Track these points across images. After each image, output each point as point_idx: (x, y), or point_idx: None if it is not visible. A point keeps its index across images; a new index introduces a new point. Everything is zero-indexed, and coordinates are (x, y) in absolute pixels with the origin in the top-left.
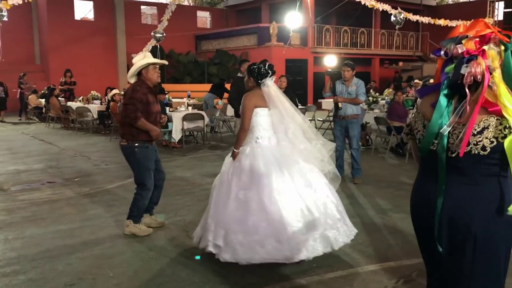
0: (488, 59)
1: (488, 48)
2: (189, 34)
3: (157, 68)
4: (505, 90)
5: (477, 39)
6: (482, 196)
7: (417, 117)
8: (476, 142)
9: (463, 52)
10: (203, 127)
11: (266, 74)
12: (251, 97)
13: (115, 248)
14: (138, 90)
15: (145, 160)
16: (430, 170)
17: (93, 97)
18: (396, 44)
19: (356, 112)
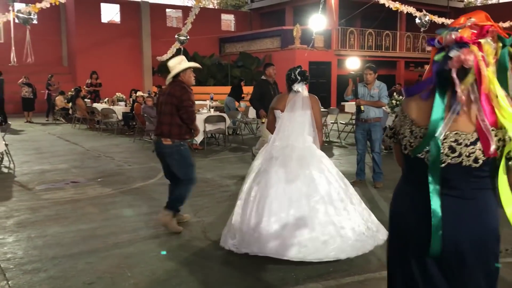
0: (484, 52)
1: (484, 42)
2: (213, 37)
3: (193, 72)
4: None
5: (475, 30)
6: (472, 211)
7: (403, 121)
8: (469, 153)
9: (456, 38)
10: (224, 129)
11: (295, 80)
12: (274, 101)
13: (133, 248)
14: (190, 92)
15: (189, 156)
16: (414, 177)
17: (118, 98)
18: (422, 47)
19: (379, 115)
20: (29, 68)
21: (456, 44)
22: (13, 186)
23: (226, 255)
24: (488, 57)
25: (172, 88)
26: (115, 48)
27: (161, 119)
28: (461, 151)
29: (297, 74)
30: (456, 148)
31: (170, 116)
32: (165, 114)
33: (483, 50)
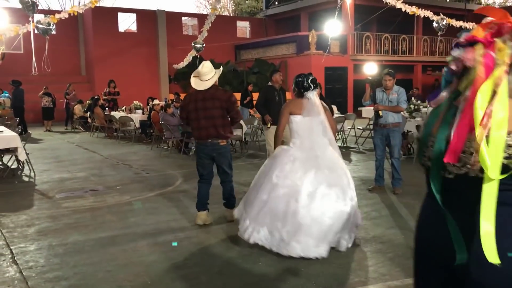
0: (495, 51)
1: (499, 40)
2: (229, 44)
3: None
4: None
5: (493, 30)
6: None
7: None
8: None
9: (467, 37)
10: (241, 136)
11: (308, 88)
12: (288, 104)
13: (153, 256)
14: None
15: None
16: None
17: (136, 106)
18: (440, 50)
19: (398, 120)
20: (48, 77)
21: (462, 45)
22: (34, 195)
23: (248, 262)
24: (501, 55)
25: (214, 93)
26: (132, 57)
27: (211, 122)
28: (465, 160)
29: (310, 82)
30: (460, 157)
31: (222, 119)
32: (216, 117)
33: (496, 48)
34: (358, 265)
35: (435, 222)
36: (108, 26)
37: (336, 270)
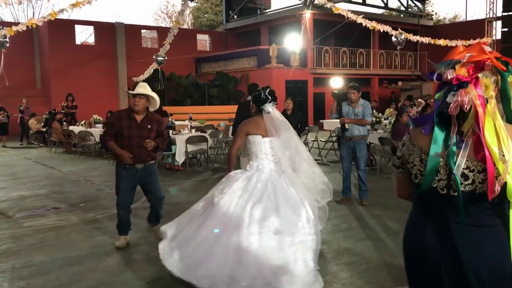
0: (481, 87)
1: (482, 76)
2: (190, 57)
3: (137, 97)
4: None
5: (472, 64)
6: (488, 239)
7: (411, 150)
8: (482, 180)
9: (452, 78)
10: (206, 150)
11: (265, 100)
12: (244, 125)
13: (126, 276)
14: (113, 115)
15: (118, 179)
16: (431, 207)
17: (95, 121)
18: (395, 64)
19: (363, 133)
20: (1, 91)
21: (453, 87)
22: None
23: None
24: (487, 91)
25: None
26: (90, 70)
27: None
28: (474, 178)
29: (267, 93)
30: (469, 175)
31: None
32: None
33: (481, 84)
34: (334, 278)
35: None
36: (65, 39)
37: None
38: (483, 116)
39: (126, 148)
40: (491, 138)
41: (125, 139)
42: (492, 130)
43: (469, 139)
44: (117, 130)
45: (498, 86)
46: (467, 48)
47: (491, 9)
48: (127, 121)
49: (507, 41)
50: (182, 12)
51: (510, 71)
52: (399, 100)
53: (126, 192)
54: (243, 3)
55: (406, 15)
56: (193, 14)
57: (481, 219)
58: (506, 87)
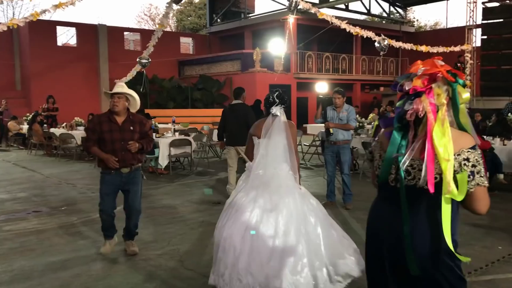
0: (434, 96)
1: (435, 86)
2: (173, 60)
3: (115, 97)
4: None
5: (427, 77)
6: (430, 228)
7: (376, 146)
8: (421, 176)
9: (409, 89)
10: (190, 153)
11: (273, 103)
12: (252, 127)
13: (110, 280)
14: (91, 120)
15: (102, 184)
16: (386, 196)
17: (77, 123)
18: (377, 70)
19: (347, 138)
20: None
21: (410, 96)
22: None
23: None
24: (439, 99)
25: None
26: (71, 72)
27: None
28: (414, 174)
29: (275, 97)
30: (411, 172)
31: None
32: None
33: (434, 94)
34: None
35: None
36: (46, 40)
37: None
38: (433, 121)
39: (110, 153)
40: (439, 140)
41: (107, 144)
42: (441, 133)
43: (418, 141)
44: (98, 135)
45: (449, 95)
46: (423, 63)
47: (471, 17)
48: (108, 124)
49: (487, 48)
50: (166, 15)
51: (458, 82)
52: (381, 105)
53: (108, 196)
54: (227, 7)
55: (388, 22)
56: (177, 17)
57: (421, 209)
58: (455, 96)
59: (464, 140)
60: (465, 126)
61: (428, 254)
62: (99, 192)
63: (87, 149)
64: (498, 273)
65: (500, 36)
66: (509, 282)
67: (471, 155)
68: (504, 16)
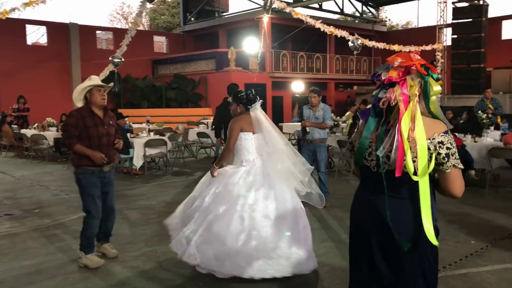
0: (407, 87)
1: (409, 78)
2: (146, 59)
3: (102, 91)
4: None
5: (402, 69)
6: (408, 209)
7: (356, 136)
8: (383, 163)
9: (385, 79)
10: (165, 153)
11: (254, 100)
12: (239, 121)
13: (87, 283)
14: (73, 115)
15: (88, 187)
16: (366, 182)
17: (49, 124)
18: (351, 69)
19: (323, 136)
20: None
21: (385, 85)
22: None
23: (183, 284)
24: (411, 90)
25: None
26: (42, 71)
27: None
28: (385, 161)
29: (255, 94)
30: (390, 157)
31: None
32: None
33: (408, 85)
34: (301, 279)
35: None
36: (15, 39)
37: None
38: (403, 110)
39: (96, 149)
40: (405, 127)
41: (94, 139)
42: (408, 121)
43: (394, 128)
44: (81, 131)
45: (421, 87)
46: (400, 55)
47: (442, 16)
48: (91, 119)
49: (457, 47)
50: (140, 13)
51: (429, 75)
52: (355, 103)
53: (98, 199)
54: (200, 5)
55: (361, 21)
56: (150, 16)
57: (400, 193)
58: (426, 88)
59: (437, 126)
60: (437, 115)
61: (411, 236)
62: (86, 196)
63: (70, 147)
64: (471, 267)
65: (469, 35)
66: (482, 275)
67: (445, 138)
68: (473, 16)
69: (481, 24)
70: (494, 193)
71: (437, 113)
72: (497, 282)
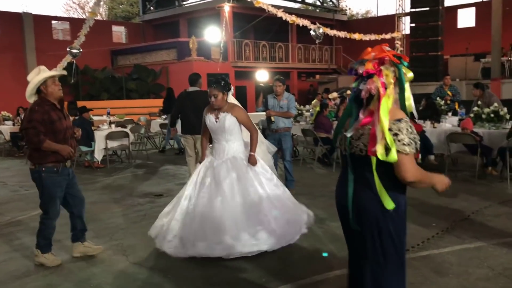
0: (384, 77)
1: (384, 68)
2: (105, 50)
3: (57, 81)
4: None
5: (376, 61)
6: (367, 189)
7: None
8: (357, 145)
9: (363, 72)
10: (128, 145)
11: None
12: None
13: (50, 280)
14: (36, 111)
15: (51, 187)
16: (343, 164)
17: (4, 117)
18: (313, 58)
19: (288, 125)
20: None
21: (364, 78)
22: None
23: (152, 276)
24: (387, 79)
25: (28, 107)
26: None
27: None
28: (353, 144)
29: (228, 82)
30: (352, 142)
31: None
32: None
33: (384, 74)
34: (267, 268)
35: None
36: None
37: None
38: (383, 94)
39: (61, 144)
40: (384, 112)
41: (60, 133)
42: (387, 106)
43: (364, 114)
44: (46, 126)
45: (396, 75)
46: (373, 49)
47: (400, 5)
48: (55, 113)
49: (415, 35)
50: (98, 3)
51: (402, 63)
52: (318, 93)
53: (59, 200)
54: None
55: (322, 10)
56: (108, 5)
57: (364, 174)
58: (401, 75)
59: (393, 114)
60: (407, 101)
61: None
62: (48, 197)
63: (40, 144)
64: (433, 249)
65: (427, 24)
66: (443, 256)
67: (394, 126)
68: (430, 5)
69: (438, 12)
70: (453, 177)
71: (409, 99)
72: (457, 262)
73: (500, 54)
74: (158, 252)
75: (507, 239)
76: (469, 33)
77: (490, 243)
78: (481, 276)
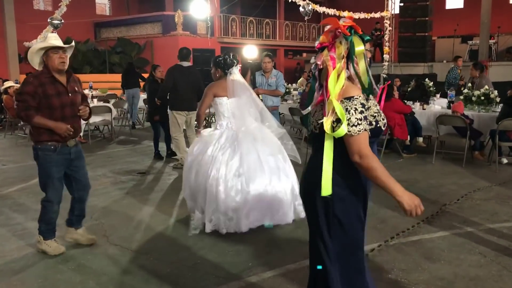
0: (336, 50)
1: (337, 41)
2: (88, 21)
3: (61, 53)
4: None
5: (332, 33)
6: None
7: None
8: (312, 122)
9: (316, 46)
10: (110, 121)
11: (232, 64)
12: (212, 87)
13: (26, 261)
14: (30, 82)
15: (47, 166)
16: None
17: None
18: (300, 36)
19: (276, 104)
20: None
21: (317, 51)
22: None
23: (134, 258)
24: (339, 51)
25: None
26: None
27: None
28: (311, 121)
29: (232, 58)
30: (311, 120)
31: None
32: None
33: (336, 48)
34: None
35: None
36: None
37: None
38: (331, 71)
39: (60, 121)
40: (332, 85)
41: (56, 111)
42: (335, 81)
43: (319, 91)
44: (40, 100)
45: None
46: (328, 21)
47: None
48: (53, 86)
49: (404, 15)
50: None
51: (352, 34)
52: (305, 71)
53: (58, 181)
54: None
55: None
56: None
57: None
58: (352, 47)
59: (346, 91)
60: (363, 76)
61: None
62: (44, 175)
63: (29, 119)
64: (423, 234)
65: (416, 3)
66: (434, 241)
67: (343, 104)
68: None
69: None
70: (440, 159)
71: (365, 80)
72: (448, 248)
73: (489, 37)
74: (140, 233)
75: (498, 225)
76: (457, 14)
77: (481, 228)
78: (473, 263)
